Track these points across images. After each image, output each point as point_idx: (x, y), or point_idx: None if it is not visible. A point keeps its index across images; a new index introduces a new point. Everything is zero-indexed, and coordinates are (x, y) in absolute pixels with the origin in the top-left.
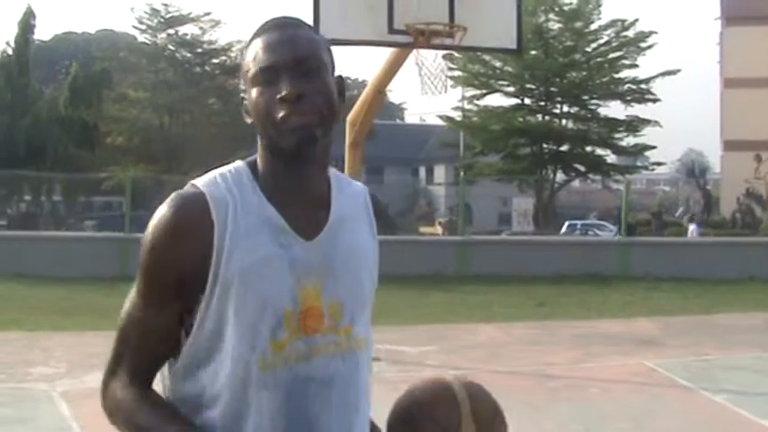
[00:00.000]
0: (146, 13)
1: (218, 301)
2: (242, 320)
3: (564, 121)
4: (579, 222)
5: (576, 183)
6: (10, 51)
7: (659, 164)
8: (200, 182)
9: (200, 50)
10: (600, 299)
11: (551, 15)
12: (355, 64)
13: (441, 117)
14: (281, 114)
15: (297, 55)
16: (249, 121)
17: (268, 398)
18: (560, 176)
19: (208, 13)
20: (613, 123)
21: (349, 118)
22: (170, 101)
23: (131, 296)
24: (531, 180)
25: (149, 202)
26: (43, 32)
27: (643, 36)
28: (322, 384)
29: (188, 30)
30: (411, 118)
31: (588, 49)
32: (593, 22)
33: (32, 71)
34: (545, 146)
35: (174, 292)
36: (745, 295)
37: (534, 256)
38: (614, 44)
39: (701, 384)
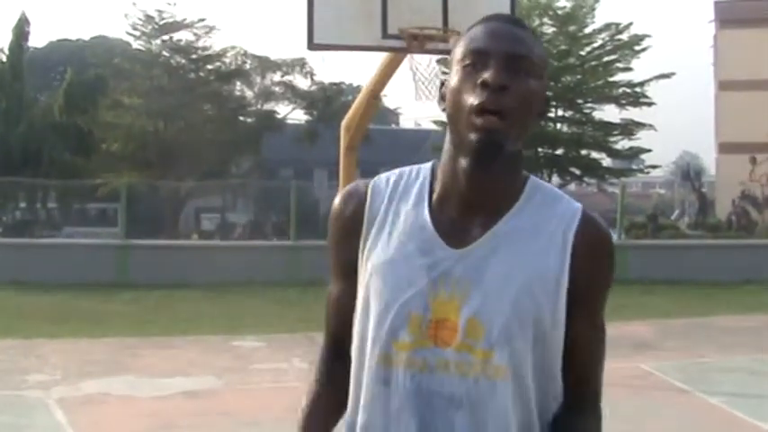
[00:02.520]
0: (140, 19)
1: (364, 286)
2: (373, 312)
3: (558, 125)
4: None
5: (572, 186)
6: (4, 58)
7: (654, 167)
8: (382, 173)
9: (194, 56)
10: None
11: (545, 19)
12: (350, 69)
13: (436, 122)
14: (475, 101)
15: (514, 50)
16: (442, 108)
17: (386, 396)
18: (555, 180)
19: (202, 20)
20: (608, 127)
21: (344, 123)
22: (165, 107)
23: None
24: None
25: (144, 208)
26: (37, 39)
27: (637, 39)
28: (449, 403)
29: (182, 36)
30: (406, 123)
31: (582, 53)
32: (587, 26)
33: (27, 78)
34: (540, 150)
35: (347, 270)
36: (741, 298)
37: None
38: (608, 48)
39: (698, 387)
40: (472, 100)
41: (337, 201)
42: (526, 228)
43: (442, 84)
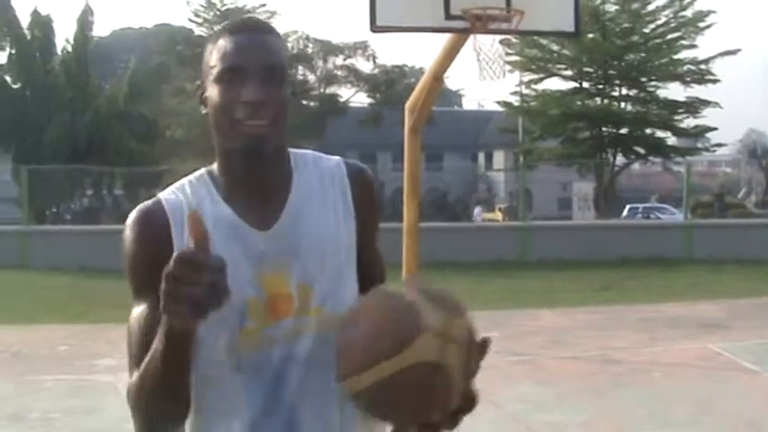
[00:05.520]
0: (201, 6)
1: None
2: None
3: (623, 104)
4: (641, 206)
5: (637, 166)
6: (69, 48)
7: (720, 145)
8: (162, 192)
9: None
10: (663, 282)
11: None
12: (412, 51)
13: (499, 102)
14: (240, 115)
15: (266, 62)
16: (204, 111)
17: (242, 379)
18: (620, 160)
19: (263, 5)
20: (673, 105)
21: (408, 105)
22: None
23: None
24: (591, 164)
25: None
26: (101, 29)
27: (701, 16)
28: (299, 364)
29: None
30: (469, 104)
31: (646, 31)
32: (650, 3)
33: (92, 67)
34: (604, 129)
35: (153, 291)
36: None
37: (597, 240)
38: (672, 25)
39: (767, 367)
40: (236, 115)
41: (134, 226)
42: (309, 197)
43: (199, 90)
